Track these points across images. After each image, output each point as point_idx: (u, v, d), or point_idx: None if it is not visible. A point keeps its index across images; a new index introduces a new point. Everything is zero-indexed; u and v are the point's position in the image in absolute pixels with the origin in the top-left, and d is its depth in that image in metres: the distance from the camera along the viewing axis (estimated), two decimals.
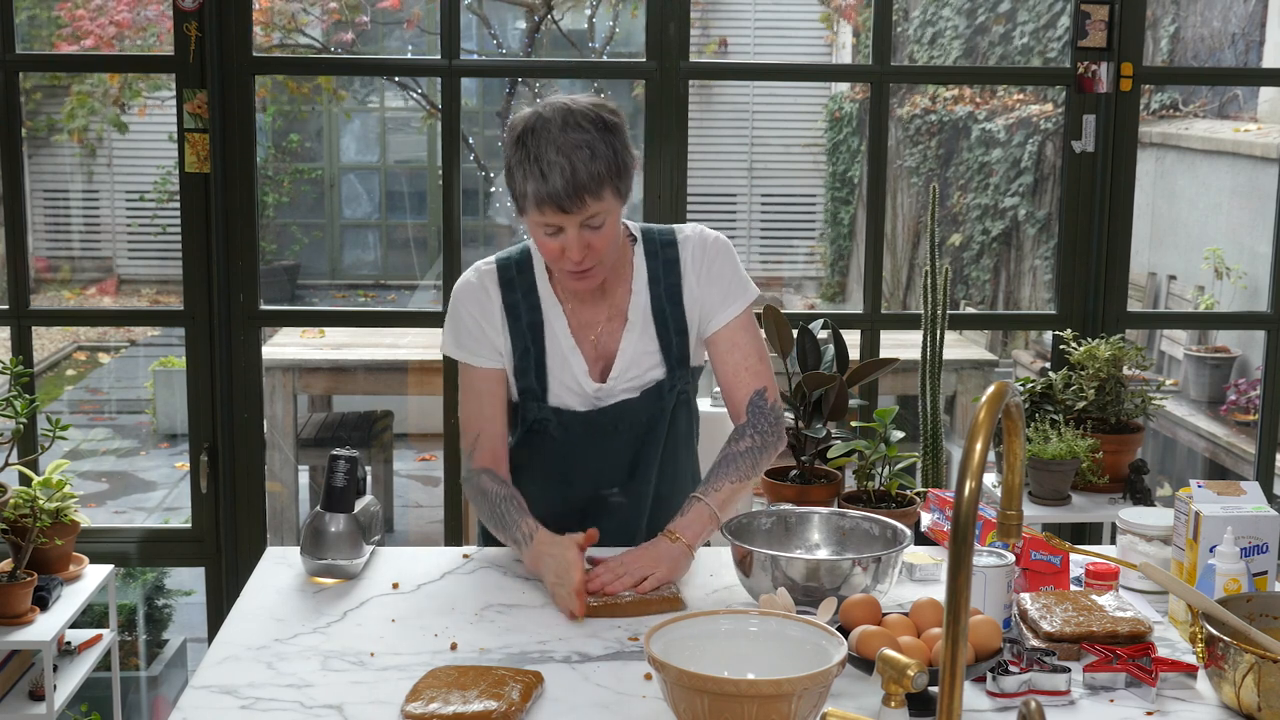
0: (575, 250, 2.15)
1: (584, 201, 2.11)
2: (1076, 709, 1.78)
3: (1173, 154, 7.57)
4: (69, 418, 8.23)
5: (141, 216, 11.33)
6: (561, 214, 2.12)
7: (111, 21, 7.88)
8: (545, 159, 2.10)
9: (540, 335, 2.30)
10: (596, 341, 2.32)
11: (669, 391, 2.34)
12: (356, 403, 6.88)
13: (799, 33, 11.40)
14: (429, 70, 4.26)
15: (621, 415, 2.33)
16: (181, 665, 4.70)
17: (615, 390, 2.31)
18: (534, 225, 2.17)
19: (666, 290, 2.32)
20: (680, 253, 2.33)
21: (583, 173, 2.10)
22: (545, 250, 2.19)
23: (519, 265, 2.33)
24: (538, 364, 2.30)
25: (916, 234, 9.64)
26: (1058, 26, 8.65)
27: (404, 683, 1.81)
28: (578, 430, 2.33)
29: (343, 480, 2.21)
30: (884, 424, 2.59)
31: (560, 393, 2.31)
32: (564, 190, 2.09)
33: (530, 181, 2.12)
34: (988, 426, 1.41)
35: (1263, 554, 2.04)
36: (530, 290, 2.31)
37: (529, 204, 2.14)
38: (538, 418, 2.33)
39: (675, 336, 2.32)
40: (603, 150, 2.13)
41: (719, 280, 2.32)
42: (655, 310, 2.31)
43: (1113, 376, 3.26)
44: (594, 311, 2.32)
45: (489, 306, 2.31)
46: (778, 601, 1.92)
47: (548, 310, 2.30)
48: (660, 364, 2.32)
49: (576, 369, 2.30)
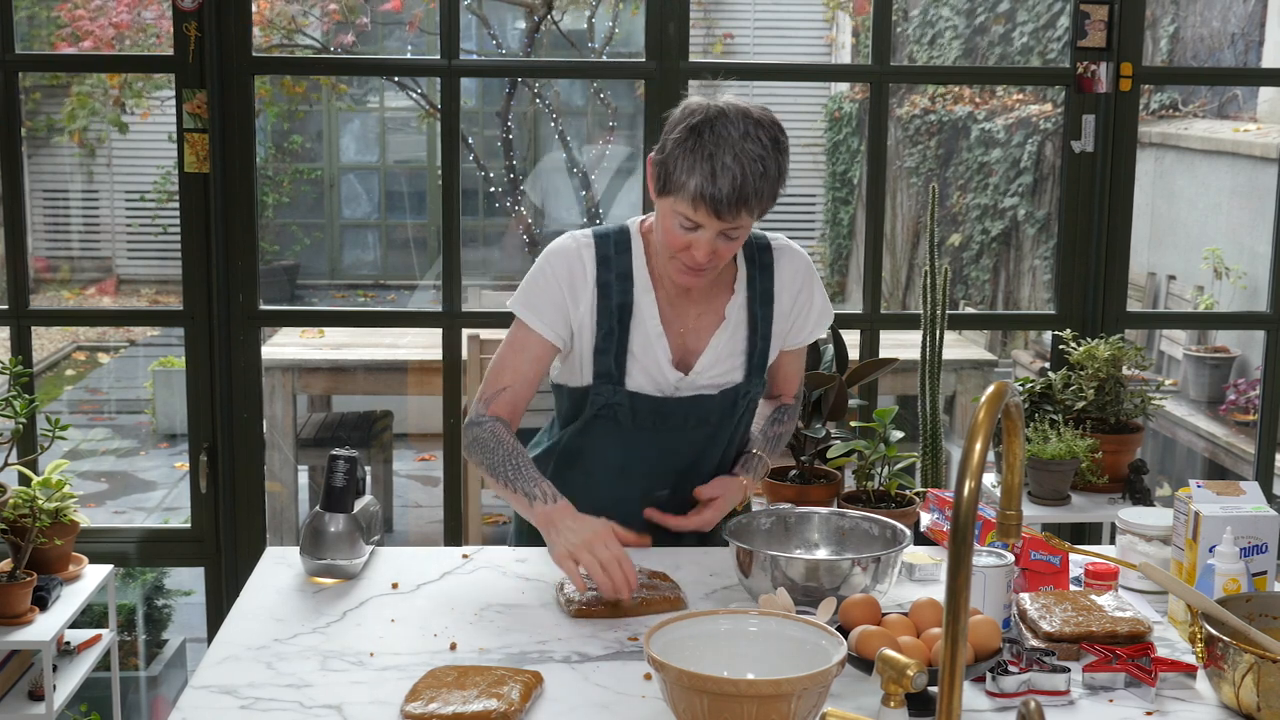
0: (703, 251, 2.14)
1: (739, 213, 2.10)
2: (1076, 709, 1.78)
3: (1172, 154, 7.57)
4: (68, 418, 8.23)
5: (141, 216, 11.34)
6: (714, 218, 2.10)
7: (111, 23, 7.88)
8: (720, 160, 2.08)
9: (628, 318, 2.26)
10: (685, 335, 2.30)
11: (743, 397, 2.34)
12: (356, 403, 6.88)
13: (799, 32, 11.41)
14: (428, 70, 4.27)
15: (695, 409, 2.31)
16: (181, 665, 4.70)
17: (696, 384, 2.30)
18: (673, 213, 2.14)
19: (761, 295, 2.33)
20: (775, 261, 2.35)
21: (750, 186, 2.08)
22: (671, 239, 2.16)
23: (617, 244, 2.29)
24: (620, 346, 2.27)
25: (916, 234, 9.64)
26: (1057, 26, 8.66)
27: (403, 683, 1.81)
28: (647, 419, 2.30)
29: (342, 480, 2.21)
30: (883, 424, 2.59)
31: (639, 377, 2.28)
32: (728, 198, 2.08)
33: (696, 177, 2.08)
34: (987, 426, 1.41)
35: (1262, 554, 2.04)
36: (625, 272, 2.27)
37: (684, 195, 2.10)
38: (610, 402, 2.29)
39: (761, 341, 2.33)
40: (773, 170, 2.12)
41: (813, 305, 2.39)
42: (750, 312, 2.33)
43: (1112, 376, 3.26)
44: (686, 302, 2.30)
45: (581, 278, 2.26)
46: (777, 601, 1.92)
47: (639, 295, 2.27)
48: (742, 367, 2.33)
49: (660, 356, 2.28)
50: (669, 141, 2.14)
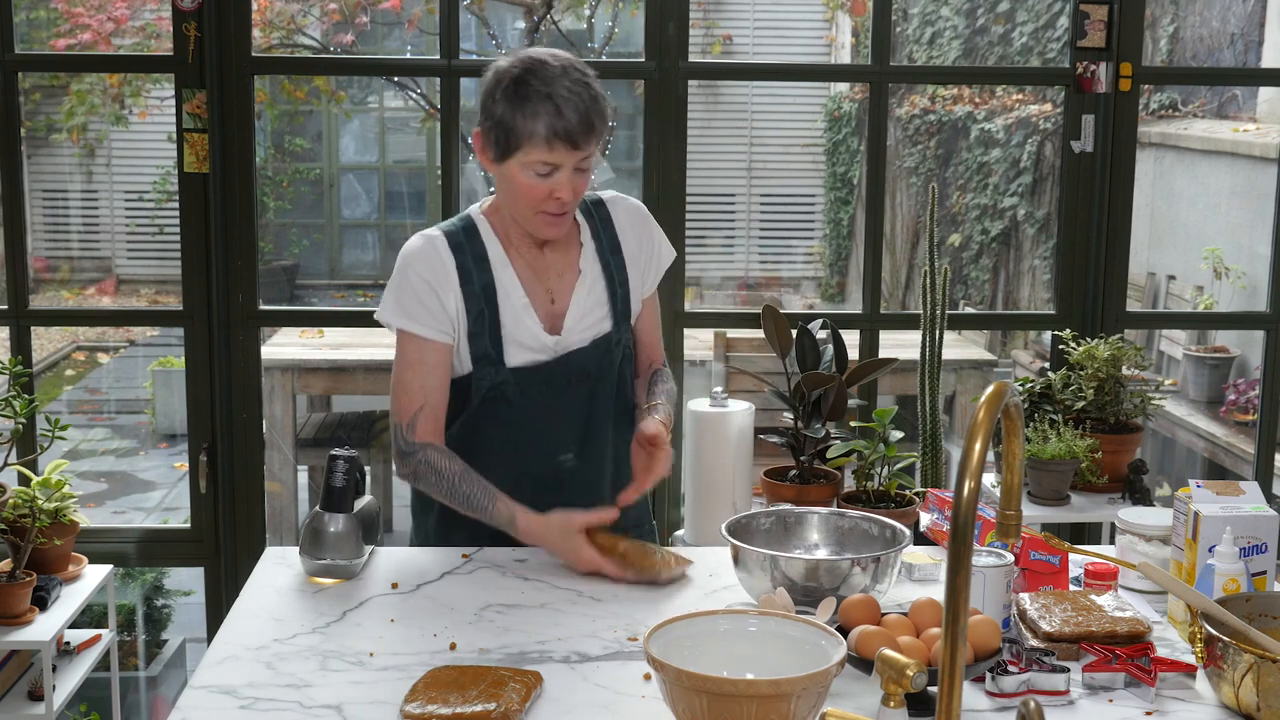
0: (566, 190, 2.20)
1: (590, 138, 2.19)
2: (1075, 709, 1.78)
3: (1172, 154, 7.57)
4: (68, 418, 8.23)
5: (140, 217, 11.33)
6: (570, 149, 2.17)
7: (110, 18, 7.88)
8: (558, 95, 2.16)
9: (494, 296, 2.30)
10: (552, 294, 2.34)
11: (615, 345, 2.38)
12: (356, 403, 6.88)
13: (798, 32, 11.41)
14: (428, 70, 4.27)
15: (573, 367, 2.34)
16: (181, 665, 4.70)
17: (569, 341, 2.34)
18: (523, 167, 2.20)
19: (609, 244, 2.39)
20: (611, 211, 2.42)
21: (592, 110, 2.19)
22: (530, 193, 2.21)
23: (465, 231, 2.34)
24: (492, 326, 2.30)
25: (916, 234, 9.65)
26: (1057, 26, 8.66)
27: (403, 683, 1.80)
28: (533, 389, 2.32)
29: (342, 480, 2.21)
30: (883, 424, 2.59)
31: (516, 352, 2.31)
32: (579, 125, 2.16)
33: (542, 119, 2.16)
34: (987, 426, 1.41)
35: (1262, 554, 2.04)
36: (480, 254, 2.32)
37: (535, 141, 2.17)
38: (494, 383, 2.31)
39: (619, 288, 2.39)
40: (600, 93, 2.23)
41: (656, 244, 2.45)
42: (603, 264, 2.38)
43: (1112, 376, 3.26)
44: (543, 268, 2.35)
45: (443, 271, 2.29)
46: (777, 601, 1.92)
47: (499, 271, 2.31)
48: (608, 316, 2.37)
49: (531, 325, 2.31)
50: (496, 105, 2.20)
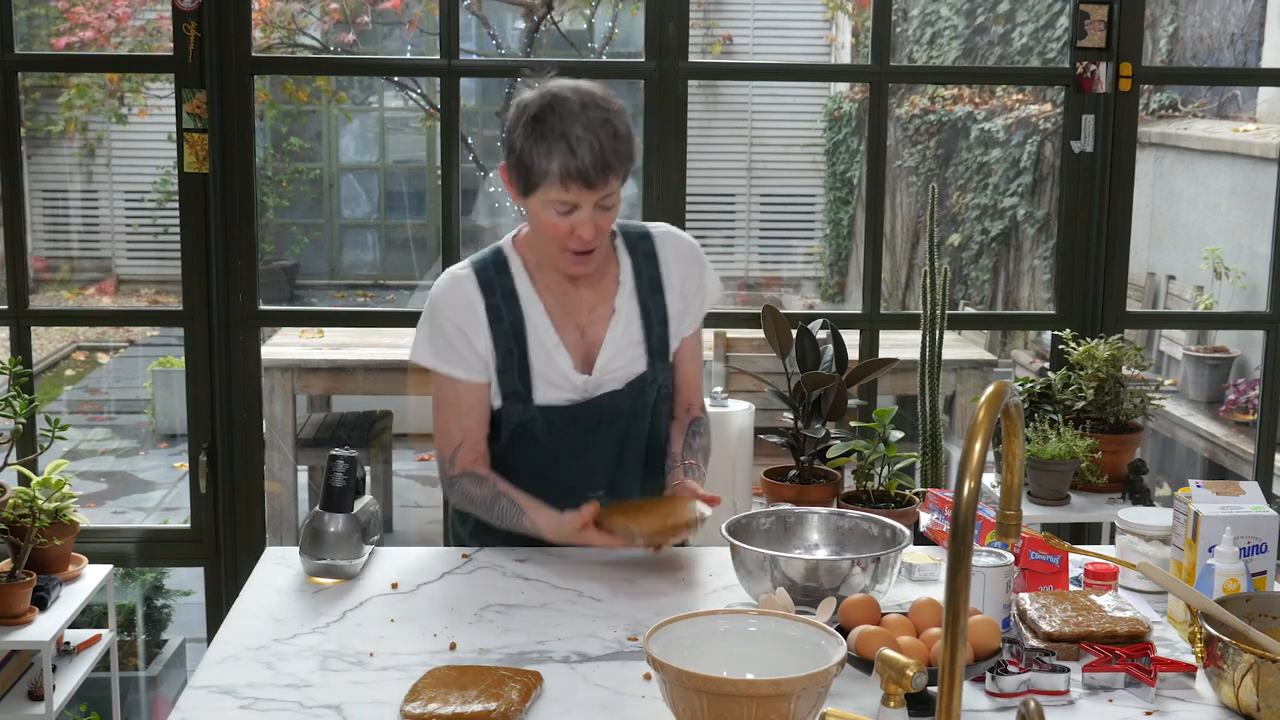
0: (588, 229, 2.18)
1: (608, 178, 2.16)
2: (1075, 709, 1.78)
3: (1172, 154, 7.57)
4: (68, 418, 8.23)
5: (140, 217, 11.33)
6: (586, 190, 2.15)
7: (111, 16, 7.88)
8: (573, 134, 2.13)
9: (523, 334, 2.30)
10: (583, 331, 2.32)
11: (650, 384, 2.36)
12: (356, 403, 6.88)
13: (798, 32, 11.40)
14: (428, 70, 4.27)
15: (605, 408, 2.33)
16: (180, 665, 4.70)
17: (602, 382, 2.32)
18: (544, 205, 2.18)
19: (649, 282, 2.36)
20: (657, 247, 2.38)
21: (609, 149, 2.15)
22: (552, 231, 2.20)
23: (495, 266, 2.32)
24: (521, 364, 2.30)
25: (915, 234, 9.64)
26: (1057, 26, 8.66)
27: (403, 683, 1.81)
28: (563, 428, 2.32)
29: (342, 480, 2.21)
30: (883, 424, 2.59)
31: (545, 390, 2.31)
32: (593, 165, 2.13)
33: (556, 159, 2.14)
34: (987, 426, 1.41)
35: (1261, 554, 2.04)
36: (509, 291, 2.31)
37: (551, 180, 2.15)
38: (523, 420, 2.32)
39: (657, 327, 2.36)
40: (623, 129, 2.19)
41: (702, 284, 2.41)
42: (640, 300, 2.35)
43: (1112, 376, 3.26)
44: (575, 304, 2.33)
45: (472, 313, 2.29)
46: (777, 601, 1.92)
47: (528, 308, 2.30)
48: (643, 356, 2.35)
49: (562, 364, 2.31)
50: (515, 141, 2.19)
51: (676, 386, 2.44)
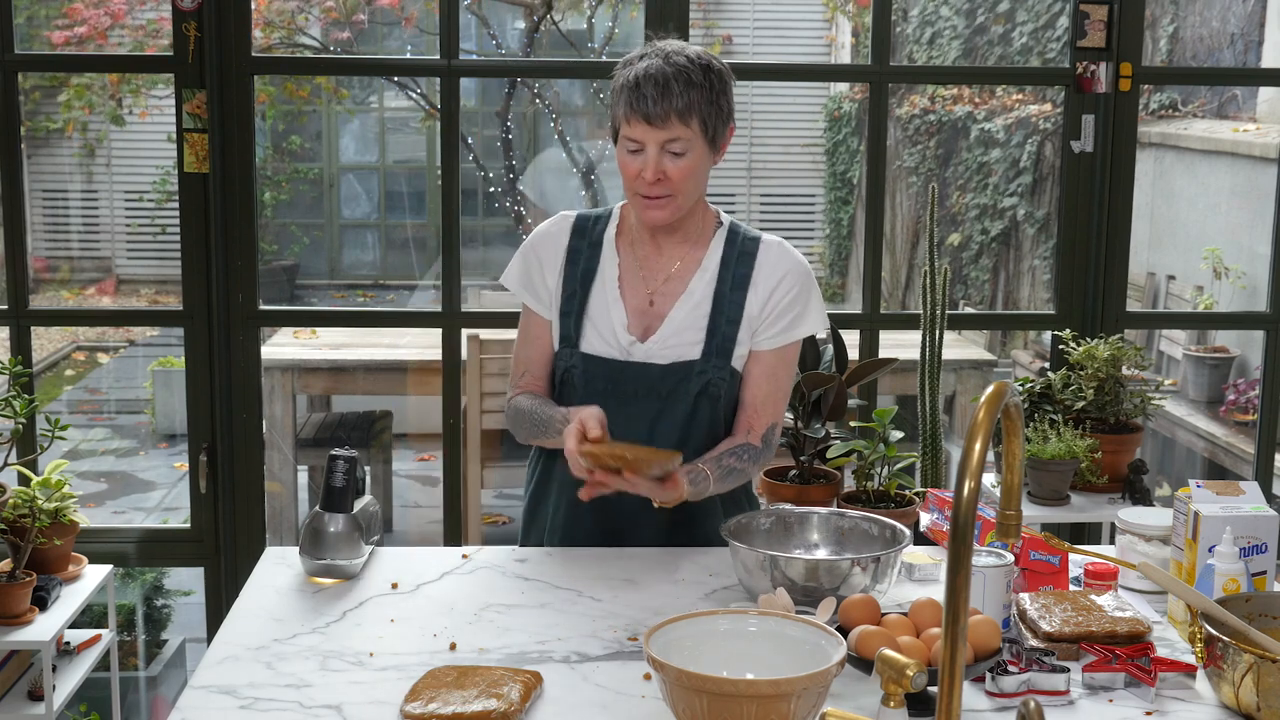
0: (651, 169, 2.20)
1: (669, 119, 2.17)
2: (1075, 709, 1.78)
3: (1171, 154, 7.57)
4: (68, 418, 8.23)
5: (140, 217, 11.33)
6: (648, 126, 2.18)
7: (107, 12, 7.88)
8: (645, 72, 2.18)
9: (590, 281, 2.34)
10: (652, 300, 2.33)
11: (697, 374, 2.30)
12: (356, 403, 6.88)
13: (798, 32, 11.40)
14: (428, 70, 4.27)
15: (644, 377, 2.30)
16: (180, 665, 4.70)
17: (650, 352, 2.31)
18: (621, 146, 2.23)
19: (735, 278, 2.33)
20: (760, 250, 2.35)
21: (676, 90, 2.17)
22: (625, 169, 2.24)
23: (598, 218, 2.39)
24: (579, 308, 2.33)
25: (916, 234, 9.64)
26: (1057, 26, 8.66)
27: (403, 683, 1.81)
28: (599, 383, 2.31)
29: (342, 480, 2.21)
30: (883, 424, 2.59)
31: (593, 339, 2.33)
32: (653, 100, 2.16)
33: (625, 92, 2.19)
34: (987, 426, 1.41)
35: (1261, 554, 2.04)
36: (596, 240, 2.36)
37: (621, 115, 2.21)
38: (567, 366, 2.34)
39: (726, 325, 2.31)
40: (700, 81, 2.19)
41: (796, 303, 2.33)
42: (717, 292, 2.32)
43: (1112, 376, 3.26)
44: (653, 271, 2.34)
45: (554, 249, 2.37)
46: (777, 601, 1.92)
47: (605, 260, 2.35)
48: (700, 344, 2.31)
49: (615, 320, 2.32)
50: (614, 90, 2.25)
51: (741, 402, 2.35)
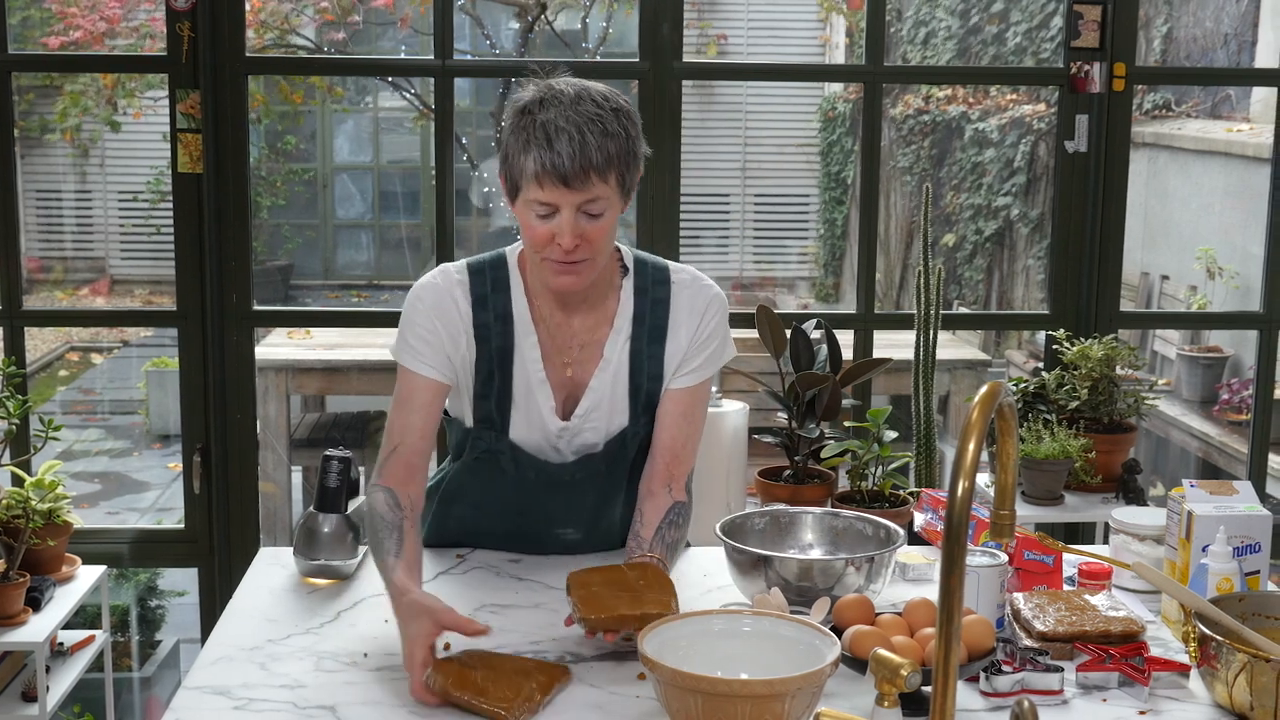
0: (568, 236, 1.95)
1: (588, 178, 1.92)
2: (1069, 708, 1.78)
3: (1165, 154, 7.58)
4: (62, 418, 8.19)
5: (134, 217, 11.32)
6: (563, 188, 1.92)
7: (102, 17, 7.87)
8: (553, 126, 1.91)
9: (509, 363, 2.11)
10: (568, 367, 2.13)
11: (632, 439, 2.17)
12: (350, 403, 6.87)
13: (793, 33, 11.41)
14: (422, 70, 4.27)
15: (580, 469, 2.17)
16: (174, 666, 4.70)
17: (581, 429, 2.15)
18: (526, 208, 1.97)
19: (650, 331, 2.14)
20: (673, 294, 2.15)
21: (592, 147, 1.92)
22: (533, 237, 1.98)
23: (494, 281, 2.12)
24: (501, 394, 2.12)
25: (910, 234, 9.65)
26: (1050, 26, 8.67)
27: (398, 683, 1.80)
28: (531, 472, 2.17)
29: (336, 481, 2.20)
30: (877, 424, 2.59)
31: (521, 428, 2.14)
32: (569, 161, 1.90)
33: (533, 151, 1.92)
34: (981, 426, 1.41)
35: (1255, 553, 2.04)
36: (504, 313, 2.11)
37: (526, 178, 1.94)
38: (492, 449, 2.16)
39: (649, 383, 2.15)
40: (616, 130, 1.95)
41: (714, 337, 2.16)
42: (633, 351, 2.13)
43: (1105, 376, 3.26)
44: (567, 340, 2.13)
45: (455, 318, 2.10)
46: (771, 601, 1.92)
47: (520, 338, 2.10)
48: (626, 410, 2.15)
49: (543, 404, 2.12)
50: (504, 138, 1.99)
51: (654, 448, 2.15)
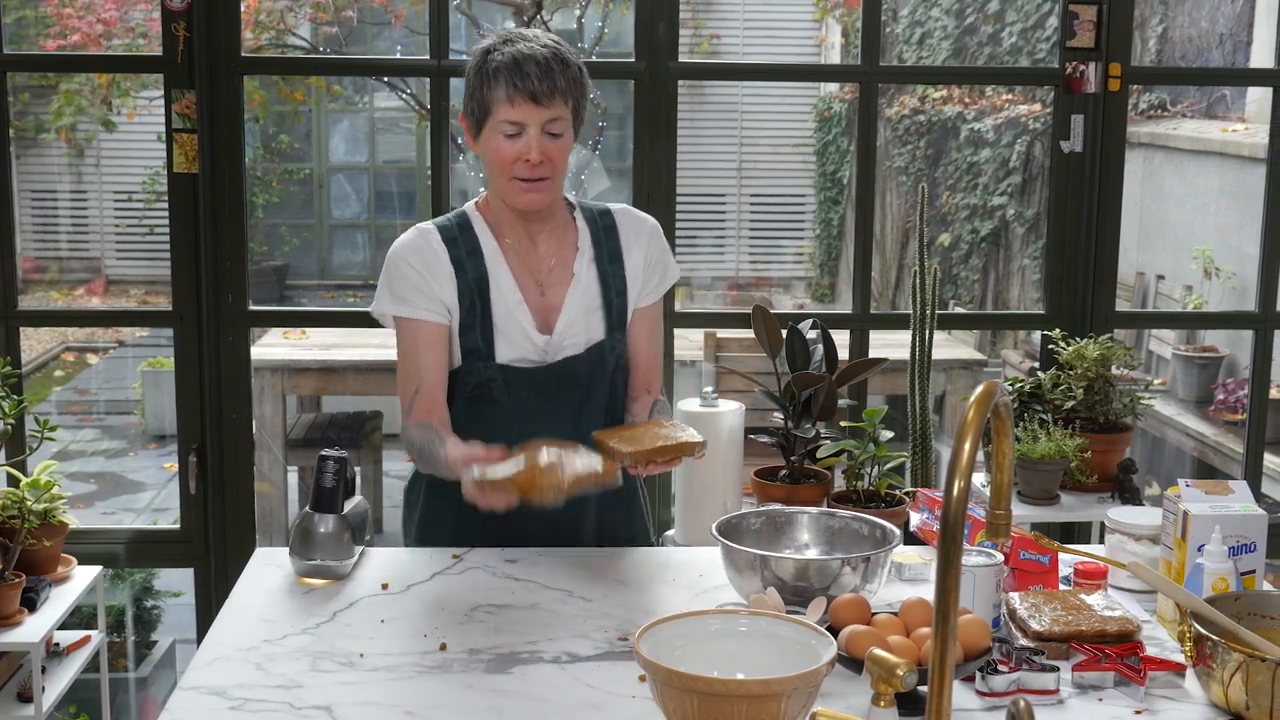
0: (535, 150, 2.20)
1: (553, 97, 2.19)
2: (1065, 708, 1.78)
3: (1161, 154, 7.59)
4: (57, 419, 8.19)
5: (130, 217, 11.30)
6: (533, 105, 2.18)
7: (99, 20, 7.86)
8: (520, 54, 2.19)
9: (486, 290, 2.31)
10: (543, 291, 2.33)
11: (609, 353, 2.36)
12: (345, 403, 6.87)
13: (788, 33, 11.41)
14: (418, 70, 4.26)
15: (564, 373, 2.32)
16: (170, 666, 4.69)
17: (562, 344, 2.32)
18: (493, 132, 2.22)
19: (609, 253, 2.38)
20: (617, 222, 2.40)
21: (556, 71, 2.20)
22: (501, 159, 2.22)
23: (459, 225, 2.36)
24: (484, 320, 2.30)
25: (905, 234, 9.66)
26: (1046, 27, 8.67)
27: (394, 684, 1.80)
28: (522, 391, 2.31)
29: (332, 481, 2.20)
30: (873, 424, 2.60)
31: (506, 348, 2.31)
32: (539, 79, 2.18)
33: (503, 77, 2.19)
34: (976, 426, 1.41)
35: (1250, 553, 2.05)
36: (474, 248, 2.33)
37: (499, 102, 2.20)
38: (483, 379, 2.31)
39: (616, 298, 2.37)
40: (572, 62, 2.24)
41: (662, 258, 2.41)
42: (599, 270, 2.36)
43: (1101, 376, 3.27)
44: (536, 263, 2.34)
45: (435, 261, 2.31)
46: (767, 601, 1.92)
47: (492, 265, 2.32)
48: (602, 323, 2.35)
49: (524, 322, 2.31)
50: (471, 80, 2.25)
51: (633, 364, 2.41)
